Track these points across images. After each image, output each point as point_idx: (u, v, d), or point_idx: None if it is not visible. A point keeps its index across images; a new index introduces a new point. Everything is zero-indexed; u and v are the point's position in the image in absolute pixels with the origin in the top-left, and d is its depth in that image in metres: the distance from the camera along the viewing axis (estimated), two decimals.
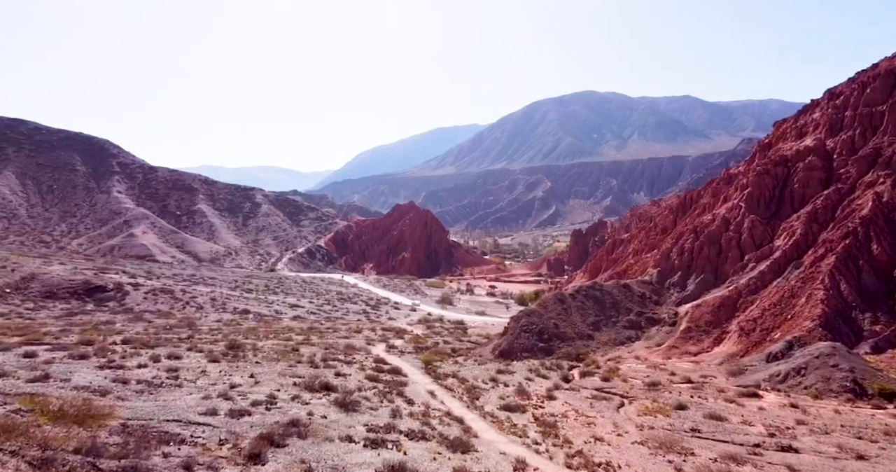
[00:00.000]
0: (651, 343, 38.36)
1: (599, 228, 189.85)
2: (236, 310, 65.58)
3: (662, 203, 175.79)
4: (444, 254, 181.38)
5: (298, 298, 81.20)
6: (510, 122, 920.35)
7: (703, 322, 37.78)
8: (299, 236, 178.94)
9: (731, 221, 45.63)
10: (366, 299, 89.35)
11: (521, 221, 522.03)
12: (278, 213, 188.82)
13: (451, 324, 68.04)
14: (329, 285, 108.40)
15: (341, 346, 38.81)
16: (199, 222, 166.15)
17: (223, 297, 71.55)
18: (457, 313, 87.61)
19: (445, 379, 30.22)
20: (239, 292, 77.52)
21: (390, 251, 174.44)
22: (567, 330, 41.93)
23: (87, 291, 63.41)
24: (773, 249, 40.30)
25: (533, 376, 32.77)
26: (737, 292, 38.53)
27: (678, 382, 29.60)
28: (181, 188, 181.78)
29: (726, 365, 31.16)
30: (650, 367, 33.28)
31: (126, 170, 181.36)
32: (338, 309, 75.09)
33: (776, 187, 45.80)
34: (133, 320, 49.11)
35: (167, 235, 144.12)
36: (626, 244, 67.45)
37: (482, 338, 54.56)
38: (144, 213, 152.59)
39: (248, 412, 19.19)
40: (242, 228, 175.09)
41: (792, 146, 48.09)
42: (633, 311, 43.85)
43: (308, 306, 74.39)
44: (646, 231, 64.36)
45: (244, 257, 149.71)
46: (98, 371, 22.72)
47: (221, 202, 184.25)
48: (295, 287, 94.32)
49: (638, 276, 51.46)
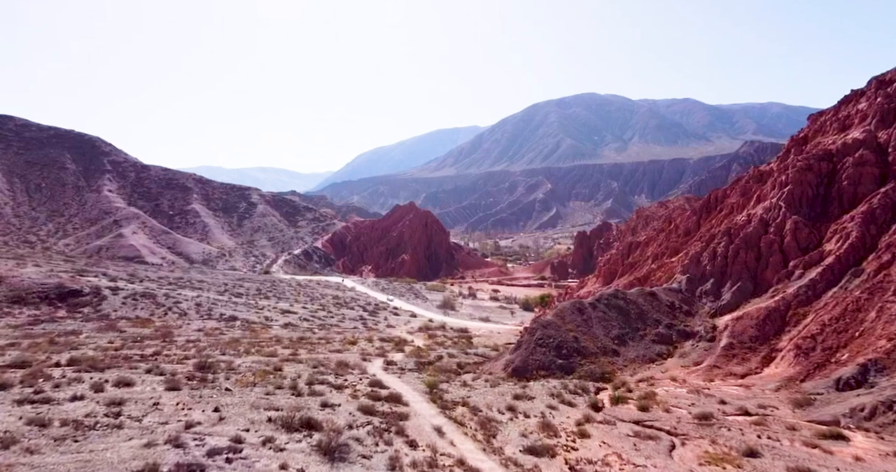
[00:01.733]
0: (687, 361, 33.56)
1: (604, 230, 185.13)
2: (222, 317, 60.65)
3: (670, 204, 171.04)
4: (444, 256, 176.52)
5: (291, 303, 76.30)
6: (510, 123, 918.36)
7: (748, 338, 32.94)
8: (296, 238, 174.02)
9: (770, 222, 40.84)
10: (363, 304, 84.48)
11: (521, 223, 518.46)
12: (274, 213, 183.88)
13: (455, 332, 63.24)
14: (325, 288, 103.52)
15: (332, 363, 33.95)
16: (192, 222, 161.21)
17: (209, 302, 66.61)
18: (460, 320, 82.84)
19: (454, 408, 25.37)
20: (227, 297, 72.60)
21: (389, 253, 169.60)
22: (588, 344, 37.06)
23: (60, 295, 58.52)
24: (823, 254, 35.49)
25: (556, 402, 27.90)
26: (784, 302, 33.71)
27: (732, 413, 24.78)
28: (175, 187, 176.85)
29: (786, 392, 26.31)
30: (692, 391, 28.44)
31: (118, 168, 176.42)
32: (333, 315, 70.16)
33: (820, 185, 41.02)
34: (103, 330, 44.21)
35: (158, 235, 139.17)
36: (642, 247, 62.66)
37: (490, 350, 49.73)
38: (135, 212, 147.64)
39: (200, 468, 14.38)
40: (237, 229, 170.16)
41: (836, 140, 43.33)
42: (662, 322, 39.00)
43: (301, 311, 69.48)
44: (665, 233, 59.58)
45: (238, 258, 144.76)
46: (13, 408, 17.81)
47: (216, 202, 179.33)
48: (289, 291, 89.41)
49: (663, 282, 46.62)
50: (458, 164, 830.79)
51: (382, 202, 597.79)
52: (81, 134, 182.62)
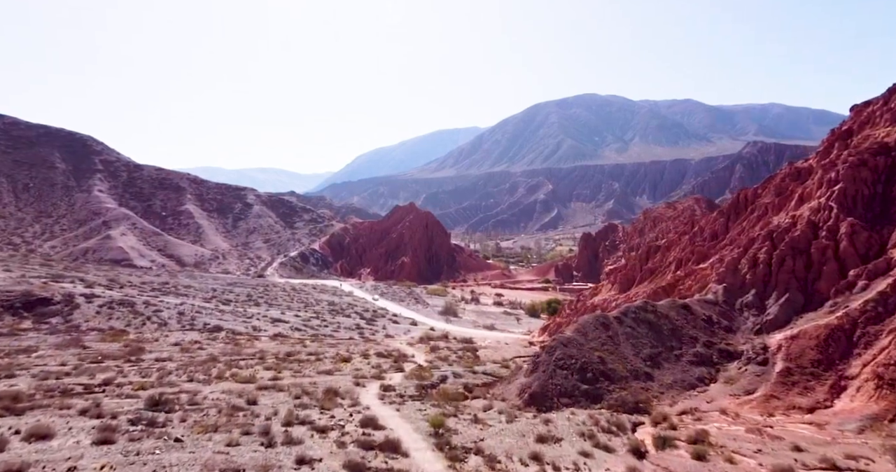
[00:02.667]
0: (736, 389, 28.64)
1: (609, 231, 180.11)
2: (206, 327, 55.67)
3: (678, 205, 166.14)
4: (445, 258, 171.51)
5: (283, 310, 71.29)
6: (511, 124, 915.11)
7: (808, 361, 27.96)
8: (293, 239, 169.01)
9: (821, 224, 35.86)
10: (361, 311, 79.46)
11: (522, 224, 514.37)
12: (271, 214, 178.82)
13: (459, 344, 58.19)
14: (321, 293, 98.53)
15: (320, 390, 28.99)
16: (185, 224, 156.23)
17: (194, 310, 61.62)
18: (463, 327, 77.81)
19: (465, 458, 20.41)
20: (214, 304, 67.62)
21: (389, 255, 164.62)
22: (617, 367, 32.07)
23: (27, 304, 53.53)
24: (891, 262, 30.49)
25: (589, 445, 22.88)
26: (850, 319, 28.76)
27: (816, 466, 19.86)
28: (168, 187, 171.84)
29: (875, 435, 21.37)
30: (752, 431, 23.47)
31: (109, 168, 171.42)
32: (327, 324, 65.13)
33: (877, 182, 36.07)
34: (63, 346, 39.17)
35: (149, 237, 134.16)
36: (663, 252, 57.66)
37: (499, 366, 44.73)
38: (125, 213, 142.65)
39: None
40: (232, 231, 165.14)
41: (890, 131, 38.37)
42: (700, 340, 34.04)
43: (293, 320, 64.47)
44: (689, 236, 54.60)
45: (232, 261, 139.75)
46: None
47: (211, 203, 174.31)
48: (281, 297, 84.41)
49: (694, 292, 41.65)
50: (459, 164, 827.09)
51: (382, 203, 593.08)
52: (72, 133, 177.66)
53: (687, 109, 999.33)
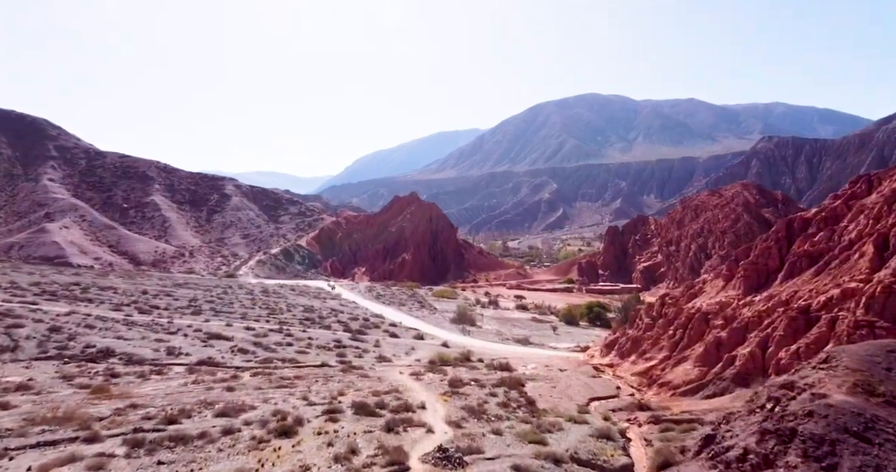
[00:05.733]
0: None
1: (639, 225, 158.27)
2: (85, 352, 33.90)
3: (724, 192, 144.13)
4: (452, 256, 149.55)
5: (233, 320, 49.24)
6: (512, 124, 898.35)
7: None
8: (276, 235, 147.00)
9: None
10: (347, 319, 57.39)
11: (526, 225, 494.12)
12: (252, 207, 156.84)
13: (490, 372, 36.22)
14: (299, 296, 76.62)
15: None
16: (149, 217, 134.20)
17: (82, 324, 39.82)
18: (486, 341, 55.71)
19: None
20: (124, 314, 45.64)
21: (387, 252, 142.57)
22: None
23: None
24: None
25: None
26: None
27: None
28: (133, 177, 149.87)
29: None
30: None
31: (66, 154, 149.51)
32: (293, 341, 42.97)
33: None
34: None
35: (99, 231, 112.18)
36: (832, 226, 36.26)
37: (591, 435, 22.65)
38: (75, 204, 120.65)
39: None
40: (206, 225, 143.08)
41: None
42: None
43: (241, 335, 42.39)
44: (871, 219, 32.89)
45: (201, 259, 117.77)
46: None
47: (182, 193, 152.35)
48: (241, 302, 62.47)
49: None
50: (460, 165, 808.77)
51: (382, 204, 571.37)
52: (23, 115, 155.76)
53: (690, 109, 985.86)
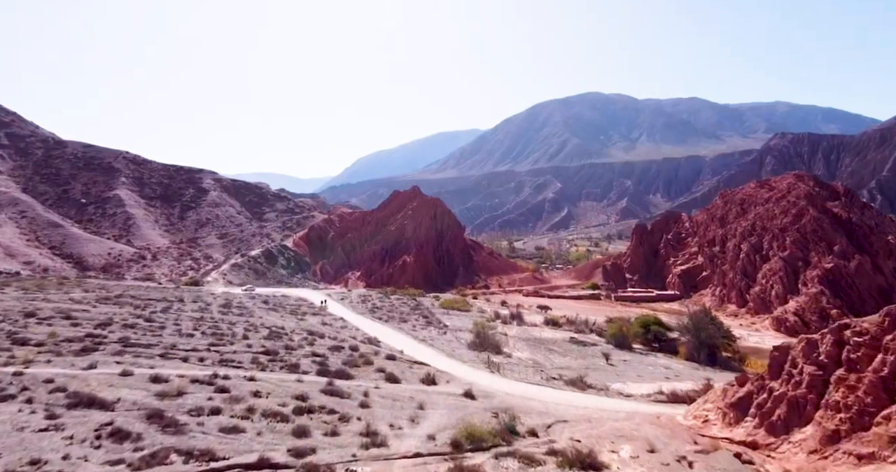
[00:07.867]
0: None
1: (671, 222, 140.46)
2: None
3: (775, 184, 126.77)
4: (460, 258, 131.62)
5: (142, 362, 31.11)
6: (513, 124, 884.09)
7: None
8: (259, 234, 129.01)
9: None
10: (326, 350, 38.94)
11: (530, 225, 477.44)
12: (232, 203, 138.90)
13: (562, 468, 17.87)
14: (271, 311, 58.53)
15: None
16: (111, 214, 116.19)
17: None
18: (525, 384, 36.82)
19: None
20: None
21: (386, 254, 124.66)
22: None
23: None
24: None
25: None
26: None
27: None
28: (96, 168, 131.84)
29: None
30: None
31: (19, 143, 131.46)
32: (223, 403, 24.27)
33: None
34: None
35: (41, 229, 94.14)
36: None
37: None
38: (15, 199, 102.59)
39: None
40: (177, 223, 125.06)
41: None
42: None
43: (138, 395, 23.18)
44: None
45: (165, 262, 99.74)
46: None
47: (153, 188, 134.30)
48: (183, 325, 44.32)
49: None
50: (460, 165, 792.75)
51: None
52: None
53: (693, 108, 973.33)
